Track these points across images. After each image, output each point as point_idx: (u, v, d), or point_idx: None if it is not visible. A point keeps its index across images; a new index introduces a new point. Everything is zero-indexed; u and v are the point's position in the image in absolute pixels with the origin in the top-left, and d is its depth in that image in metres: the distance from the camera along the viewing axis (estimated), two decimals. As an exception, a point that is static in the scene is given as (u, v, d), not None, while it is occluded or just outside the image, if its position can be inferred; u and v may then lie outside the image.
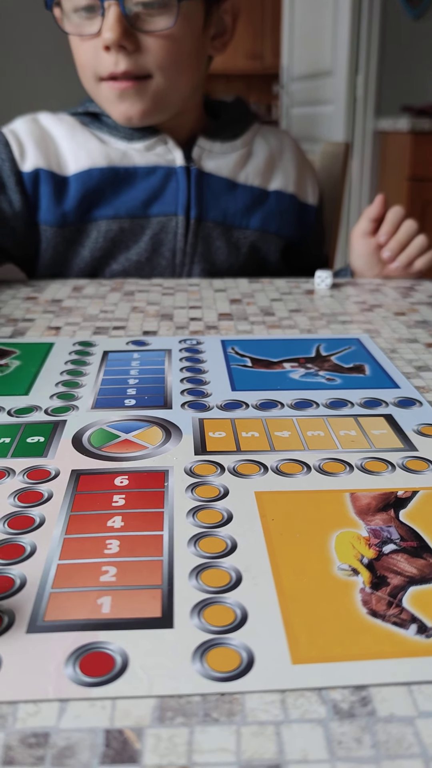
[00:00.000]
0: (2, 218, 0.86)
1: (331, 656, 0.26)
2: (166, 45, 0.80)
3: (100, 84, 0.83)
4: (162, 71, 0.81)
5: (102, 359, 0.58)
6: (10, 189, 0.86)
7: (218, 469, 0.40)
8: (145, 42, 0.79)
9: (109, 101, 0.84)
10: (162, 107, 0.85)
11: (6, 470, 0.40)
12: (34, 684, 0.25)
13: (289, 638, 0.27)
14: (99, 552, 0.32)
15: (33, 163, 0.87)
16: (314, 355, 0.59)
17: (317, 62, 3.28)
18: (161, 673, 0.26)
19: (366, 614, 0.29)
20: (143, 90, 0.82)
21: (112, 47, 0.78)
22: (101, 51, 0.80)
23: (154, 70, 0.81)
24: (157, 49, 0.79)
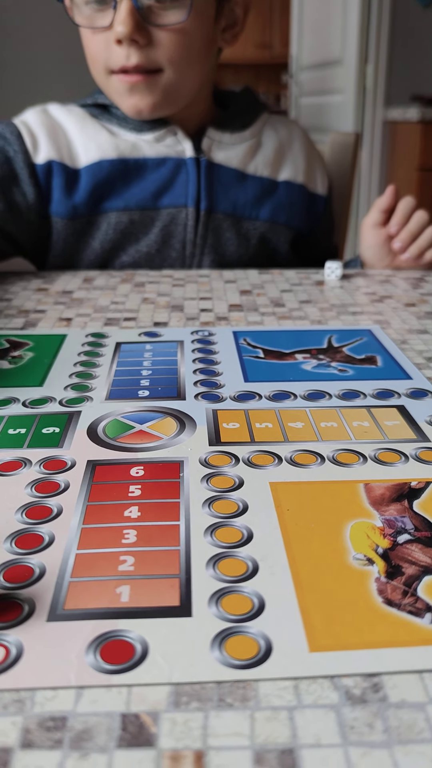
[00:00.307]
0: (16, 210, 0.86)
1: (348, 644, 0.27)
2: (177, 39, 0.79)
3: (110, 77, 0.83)
4: (173, 65, 0.81)
5: (115, 351, 0.58)
6: (24, 181, 0.86)
7: (233, 459, 0.40)
8: (156, 36, 0.79)
9: (120, 94, 0.84)
10: (172, 101, 0.85)
11: (23, 461, 0.40)
12: (56, 671, 0.25)
13: (306, 626, 0.27)
14: (117, 542, 0.32)
15: (46, 155, 0.87)
16: (326, 347, 0.59)
17: (326, 51, 3.26)
18: (181, 660, 0.26)
19: (381, 603, 0.29)
20: (154, 84, 0.82)
21: (124, 41, 0.78)
22: (112, 44, 0.79)
23: (165, 64, 0.80)
24: (169, 43, 0.79)
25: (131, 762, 0.22)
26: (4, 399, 0.49)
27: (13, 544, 0.33)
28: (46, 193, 0.88)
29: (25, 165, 0.86)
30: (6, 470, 0.39)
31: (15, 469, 0.39)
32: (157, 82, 0.82)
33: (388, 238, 0.88)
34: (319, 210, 1.00)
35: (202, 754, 0.23)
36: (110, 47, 0.80)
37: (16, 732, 0.23)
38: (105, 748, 0.23)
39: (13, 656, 0.26)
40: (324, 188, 1.00)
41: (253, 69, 5.26)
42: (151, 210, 0.89)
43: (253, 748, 0.23)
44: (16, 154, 0.86)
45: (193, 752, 0.23)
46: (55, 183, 0.87)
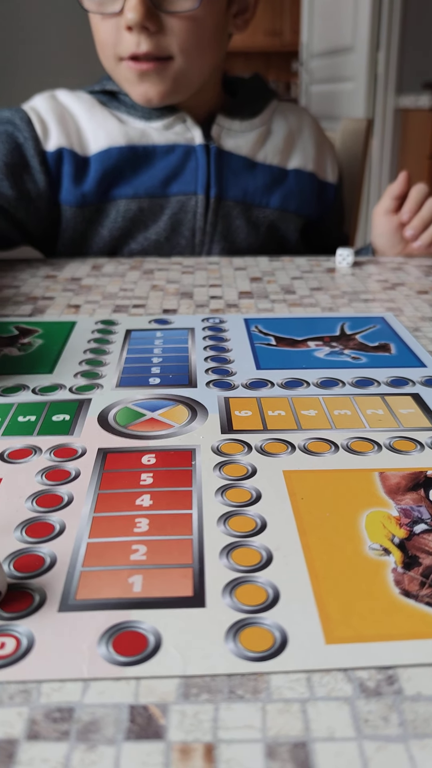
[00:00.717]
0: (27, 198, 0.85)
1: (365, 636, 0.26)
2: (189, 26, 0.78)
3: (120, 63, 0.82)
4: (184, 53, 0.80)
5: (125, 338, 0.58)
6: (35, 169, 0.85)
7: (245, 447, 0.39)
8: (167, 23, 0.77)
9: (129, 81, 0.83)
10: (182, 88, 0.84)
11: (32, 448, 0.40)
12: (68, 663, 0.25)
13: (321, 618, 0.27)
14: (128, 530, 0.32)
15: (56, 143, 0.86)
16: (339, 334, 0.58)
17: (337, 38, 3.23)
18: (195, 652, 0.25)
19: (399, 594, 0.28)
20: (164, 71, 0.81)
21: (134, 28, 0.76)
22: (122, 30, 0.78)
23: (176, 52, 0.79)
24: (180, 31, 0.78)
25: (139, 754, 0.22)
26: (13, 386, 0.48)
27: (23, 533, 0.32)
28: (56, 181, 0.87)
29: (36, 152, 0.85)
30: (16, 458, 0.39)
31: (25, 456, 0.39)
32: (167, 70, 0.81)
33: (400, 225, 0.87)
34: (330, 198, 0.99)
35: (213, 747, 0.22)
36: (120, 33, 0.79)
37: (22, 723, 0.23)
38: (113, 740, 0.22)
39: (24, 647, 0.26)
40: (334, 176, 0.99)
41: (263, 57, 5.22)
42: (161, 197, 0.88)
43: (265, 741, 0.22)
44: (26, 140, 0.85)
45: (203, 745, 0.22)
46: (64, 171, 0.86)
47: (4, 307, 0.67)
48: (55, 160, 0.86)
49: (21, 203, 0.85)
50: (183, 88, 0.84)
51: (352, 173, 1.11)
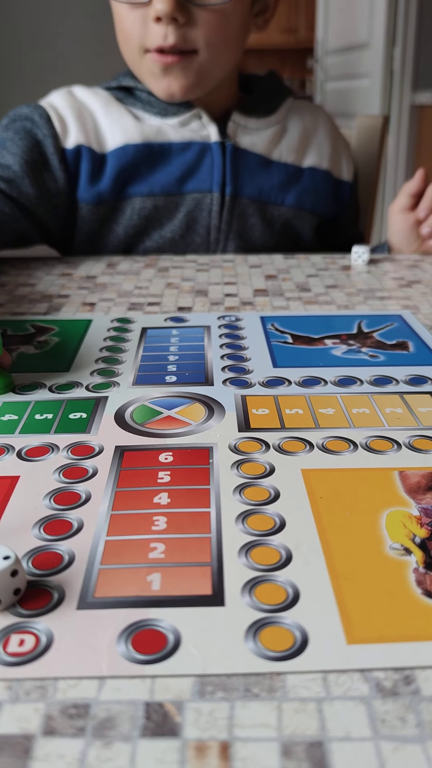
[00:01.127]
0: (47, 196, 0.85)
1: (386, 637, 0.26)
2: (217, 20, 0.78)
3: (144, 56, 0.81)
4: (209, 47, 0.79)
5: (141, 336, 0.57)
6: (54, 166, 0.85)
7: (263, 446, 0.39)
8: (196, 15, 0.77)
9: (153, 75, 0.82)
10: (204, 83, 0.83)
11: (50, 446, 0.40)
12: (87, 661, 0.25)
13: (342, 618, 0.27)
14: (146, 528, 0.32)
15: (75, 140, 0.86)
16: (356, 332, 0.58)
17: (353, 35, 3.21)
18: (215, 651, 0.25)
19: (420, 594, 0.28)
20: (188, 66, 0.80)
21: (164, 18, 0.76)
22: (150, 21, 0.78)
23: (202, 46, 0.79)
24: (208, 24, 0.78)
25: (155, 751, 0.22)
26: (30, 384, 0.48)
27: (41, 531, 0.32)
28: (74, 179, 0.87)
29: (55, 150, 0.85)
30: (34, 455, 0.39)
31: (43, 454, 0.39)
32: (191, 64, 0.80)
33: (417, 222, 0.87)
34: (345, 196, 0.98)
35: (228, 745, 0.22)
36: (147, 24, 0.78)
37: (39, 719, 0.23)
38: (128, 737, 0.22)
39: (43, 644, 0.26)
40: (349, 174, 0.98)
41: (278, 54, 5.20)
42: (176, 195, 0.88)
43: (281, 740, 0.22)
44: (46, 137, 0.85)
45: (218, 743, 0.22)
46: (82, 168, 0.86)
47: (19, 305, 0.67)
48: (74, 157, 0.86)
49: (41, 201, 0.85)
50: (205, 83, 0.84)
51: (367, 170, 1.11)
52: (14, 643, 0.26)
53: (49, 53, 3.44)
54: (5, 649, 0.25)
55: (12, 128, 0.85)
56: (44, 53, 3.44)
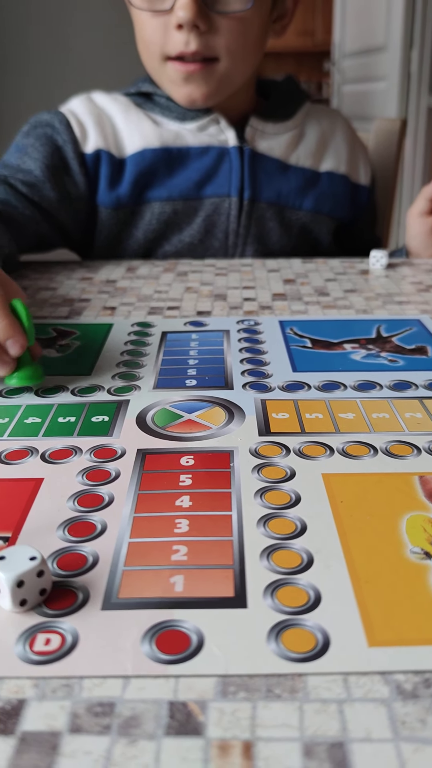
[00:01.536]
0: (68, 200, 0.86)
1: (407, 640, 0.26)
2: (237, 27, 0.79)
3: (165, 63, 0.82)
4: (230, 55, 0.80)
5: (161, 340, 0.58)
6: (75, 171, 0.86)
7: (283, 450, 0.40)
8: (216, 23, 0.78)
9: (174, 82, 0.83)
10: (225, 90, 0.84)
11: (73, 449, 0.40)
12: (112, 660, 0.25)
13: (364, 621, 0.27)
14: (169, 531, 0.32)
15: (94, 144, 0.87)
16: (375, 336, 0.58)
17: (370, 37, 3.20)
18: (237, 652, 0.26)
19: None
20: (209, 73, 0.81)
21: (185, 26, 0.77)
22: (171, 29, 0.78)
23: (223, 54, 0.80)
24: (229, 31, 0.78)
25: (179, 750, 0.22)
26: (53, 387, 0.49)
27: (66, 532, 0.33)
28: (94, 183, 0.88)
29: (75, 154, 0.86)
30: (57, 458, 0.39)
31: (66, 457, 0.39)
32: (212, 72, 0.81)
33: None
34: (363, 200, 0.98)
35: (251, 744, 0.22)
36: (168, 32, 0.79)
37: (65, 716, 0.23)
38: (153, 735, 0.23)
39: (68, 644, 0.26)
40: (367, 178, 0.99)
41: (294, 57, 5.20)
42: (194, 200, 0.89)
43: (302, 740, 0.22)
44: (66, 143, 0.86)
45: (241, 742, 0.22)
46: (102, 172, 0.87)
47: (41, 308, 0.68)
48: (94, 162, 0.87)
49: (62, 205, 0.86)
50: (226, 90, 0.84)
51: (385, 174, 1.11)
52: (40, 642, 0.26)
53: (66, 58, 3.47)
54: (32, 648, 0.26)
55: (33, 134, 0.86)
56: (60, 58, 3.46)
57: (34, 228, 0.83)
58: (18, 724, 0.23)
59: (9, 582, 0.27)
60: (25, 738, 0.23)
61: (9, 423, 0.44)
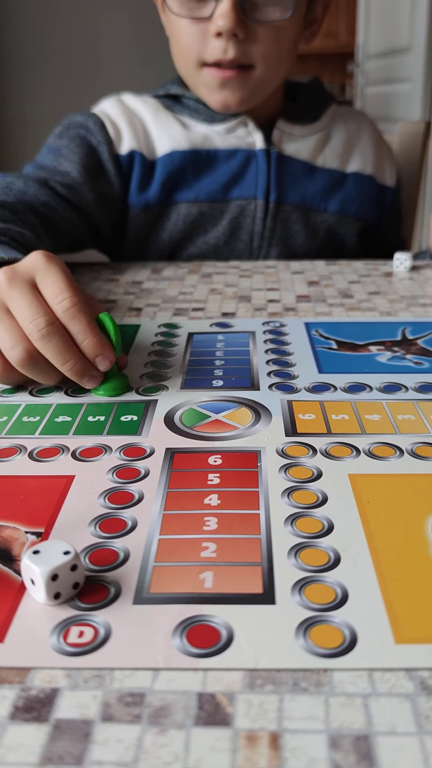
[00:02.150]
0: (104, 201, 0.87)
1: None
2: (274, 36, 0.80)
3: (200, 69, 0.83)
4: (266, 62, 0.81)
5: (187, 341, 0.59)
6: (110, 172, 0.87)
7: (310, 450, 0.40)
8: (254, 31, 0.79)
9: (209, 88, 0.84)
10: (259, 96, 0.85)
11: (103, 447, 0.41)
12: (144, 653, 0.26)
13: (390, 618, 0.27)
14: (198, 528, 0.33)
15: (128, 146, 0.88)
16: (400, 339, 0.58)
17: (394, 39, 3.19)
18: (266, 647, 0.26)
19: (467, 598, 0.28)
20: (245, 80, 0.82)
21: (224, 34, 0.78)
22: (209, 36, 0.79)
23: (259, 61, 0.81)
24: (266, 40, 0.79)
25: (208, 740, 0.23)
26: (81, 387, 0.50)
27: (97, 528, 0.33)
28: (126, 184, 0.89)
29: (110, 156, 0.87)
30: (88, 456, 0.40)
31: (96, 455, 0.40)
32: (248, 79, 0.82)
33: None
34: (388, 202, 0.98)
35: (278, 735, 0.23)
36: (206, 39, 0.80)
37: (97, 705, 0.24)
38: (182, 725, 0.23)
39: (101, 637, 0.27)
40: (392, 179, 0.99)
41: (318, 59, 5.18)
42: (221, 202, 0.89)
43: (328, 732, 0.23)
44: (100, 144, 0.87)
45: (268, 733, 0.23)
46: (134, 174, 0.88)
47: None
48: (127, 163, 0.88)
49: (99, 207, 0.86)
50: (259, 96, 0.85)
51: (409, 176, 1.11)
52: (74, 634, 0.27)
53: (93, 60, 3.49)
54: (66, 640, 0.27)
55: (66, 136, 0.87)
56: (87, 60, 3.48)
57: (72, 230, 0.83)
58: (51, 712, 0.24)
59: (44, 575, 0.28)
60: (58, 725, 0.23)
61: (40, 421, 0.44)
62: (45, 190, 0.80)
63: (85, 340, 0.46)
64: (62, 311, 0.46)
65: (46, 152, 0.88)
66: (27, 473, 0.38)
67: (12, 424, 0.44)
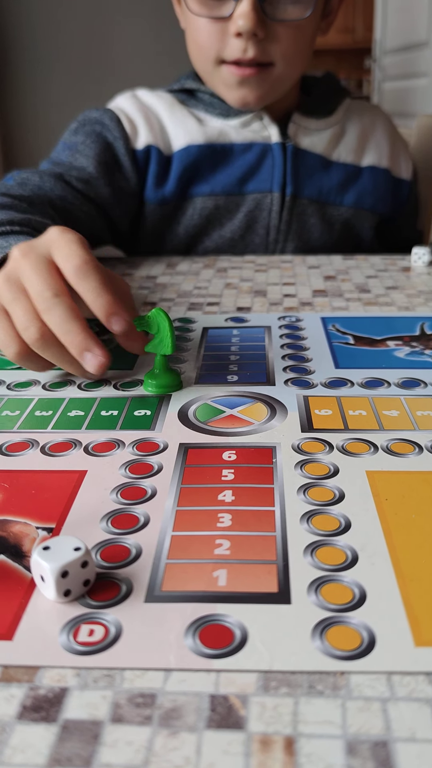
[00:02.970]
0: (121, 196, 0.87)
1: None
2: (294, 34, 0.79)
3: (219, 67, 0.82)
4: (285, 60, 0.80)
5: (202, 335, 0.58)
6: (126, 167, 0.87)
7: (326, 447, 0.39)
8: (274, 30, 0.78)
9: (228, 85, 0.83)
10: (277, 92, 0.85)
11: (116, 442, 0.40)
12: (155, 653, 0.25)
13: (410, 620, 0.26)
14: (212, 525, 0.32)
15: (145, 141, 0.87)
16: (419, 334, 0.57)
17: (412, 33, 3.17)
18: (282, 648, 0.25)
19: None
20: (264, 77, 0.81)
21: (244, 35, 0.77)
22: (229, 35, 0.79)
23: (279, 59, 0.80)
24: (285, 38, 0.79)
25: (220, 743, 0.22)
26: (95, 381, 0.49)
27: (109, 524, 0.33)
28: (143, 179, 0.88)
29: (126, 151, 0.86)
30: (100, 451, 0.39)
31: (109, 450, 0.40)
32: (268, 76, 0.81)
33: None
34: (404, 195, 0.97)
35: (293, 740, 0.22)
36: (226, 38, 0.79)
37: (107, 706, 0.24)
38: (194, 728, 0.23)
39: (112, 635, 0.26)
40: (408, 173, 0.98)
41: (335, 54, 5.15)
42: (237, 195, 0.89)
43: (345, 737, 0.22)
44: (116, 139, 0.86)
45: (283, 738, 0.22)
46: (150, 168, 0.88)
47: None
48: (144, 158, 0.87)
49: (115, 201, 0.86)
50: (278, 92, 0.85)
51: (427, 170, 1.09)
52: (84, 633, 0.26)
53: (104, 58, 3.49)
54: (76, 639, 0.26)
55: (82, 132, 0.87)
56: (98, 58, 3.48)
57: (90, 224, 0.83)
58: (60, 713, 0.23)
59: (53, 572, 0.27)
60: (67, 726, 0.23)
61: (53, 416, 0.44)
62: (61, 184, 0.79)
63: (98, 299, 0.43)
64: (73, 271, 0.43)
65: (61, 148, 0.87)
66: (39, 468, 0.38)
67: (24, 418, 0.44)
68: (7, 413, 0.44)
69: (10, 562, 0.30)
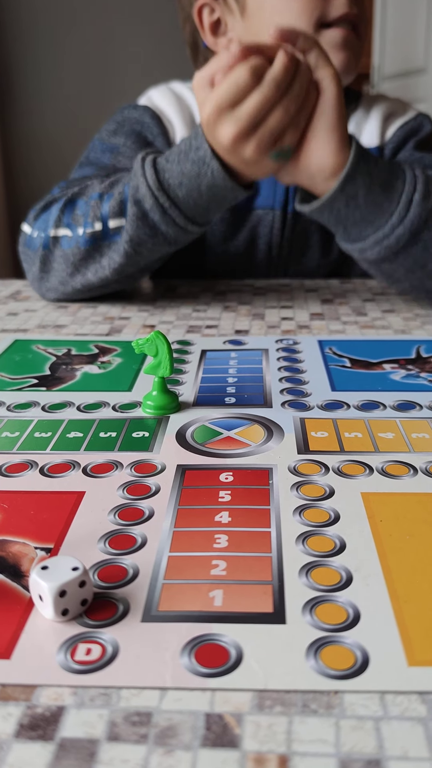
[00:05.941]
0: None
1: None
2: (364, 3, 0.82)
3: (320, 31, 0.81)
4: (363, 27, 0.82)
5: (200, 358, 0.59)
6: None
7: (322, 468, 0.40)
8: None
9: (333, 47, 0.81)
10: (359, 63, 0.85)
11: (114, 463, 0.41)
12: (151, 672, 0.26)
13: (403, 640, 0.27)
14: (208, 546, 0.33)
15: (180, 136, 0.87)
16: (414, 357, 0.58)
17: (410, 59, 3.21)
18: (276, 668, 0.26)
19: None
20: (357, 42, 0.82)
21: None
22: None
23: (361, 25, 0.82)
24: (362, 3, 0.81)
25: (215, 761, 0.22)
26: (94, 402, 0.50)
27: (107, 544, 0.33)
28: None
29: (166, 148, 0.85)
30: (99, 472, 0.40)
31: (107, 471, 0.40)
32: (358, 42, 0.82)
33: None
34: None
35: (287, 758, 0.22)
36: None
37: (103, 724, 0.24)
38: (189, 746, 0.23)
39: (109, 654, 0.26)
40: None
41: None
42: (242, 211, 0.90)
43: (339, 756, 0.22)
44: (156, 137, 0.86)
45: (277, 756, 0.23)
46: None
47: (82, 326, 0.69)
48: None
49: None
50: (359, 63, 0.85)
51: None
52: (81, 651, 0.27)
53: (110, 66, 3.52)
54: (73, 657, 0.26)
55: (122, 133, 0.87)
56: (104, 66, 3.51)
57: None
58: (57, 731, 0.24)
59: (52, 591, 0.27)
60: (63, 744, 0.23)
61: (52, 437, 0.44)
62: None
63: None
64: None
65: (100, 150, 0.87)
66: (38, 489, 0.38)
67: (24, 440, 0.44)
68: (7, 434, 0.45)
69: (8, 581, 0.31)
